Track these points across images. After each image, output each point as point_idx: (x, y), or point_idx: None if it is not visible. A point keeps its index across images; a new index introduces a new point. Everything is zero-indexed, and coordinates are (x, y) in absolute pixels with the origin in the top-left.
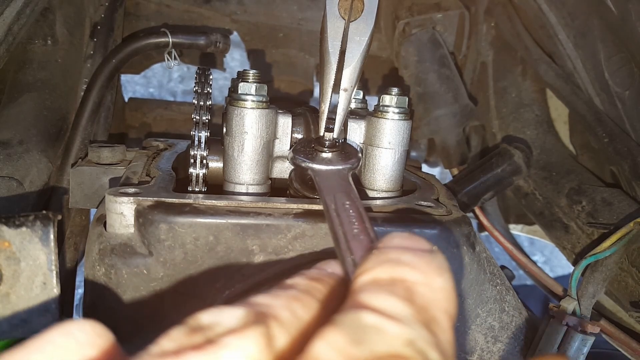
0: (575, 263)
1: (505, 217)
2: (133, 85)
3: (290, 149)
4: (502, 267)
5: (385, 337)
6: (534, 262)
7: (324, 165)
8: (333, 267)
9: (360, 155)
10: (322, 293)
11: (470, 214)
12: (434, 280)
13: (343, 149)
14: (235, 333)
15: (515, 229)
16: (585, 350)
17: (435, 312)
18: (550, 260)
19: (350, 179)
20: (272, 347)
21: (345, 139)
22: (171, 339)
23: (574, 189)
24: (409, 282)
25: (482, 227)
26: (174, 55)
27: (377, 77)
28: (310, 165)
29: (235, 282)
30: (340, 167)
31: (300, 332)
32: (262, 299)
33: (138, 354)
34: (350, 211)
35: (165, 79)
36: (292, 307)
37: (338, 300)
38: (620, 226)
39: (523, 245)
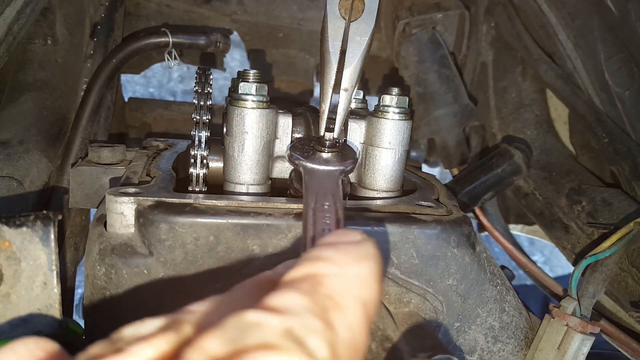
0: (575, 263)
1: (505, 217)
2: (133, 85)
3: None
4: (502, 267)
5: (260, 331)
6: (534, 262)
7: (316, 164)
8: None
9: (357, 157)
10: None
11: (470, 214)
12: (348, 270)
13: (342, 150)
14: (142, 341)
15: (515, 229)
16: (585, 350)
17: (341, 299)
18: (550, 260)
19: (340, 181)
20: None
21: (345, 139)
22: (87, 354)
23: (574, 189)
24: (319, 275)
25: (482, 227)
26: (174, 55)
27: (377, 77)
28: (302, 163)
29: (236, 282)
30: (331, 168)
31: None
32: (197, 306)
33: None
34: (327, 213)
35: (165, 79)
36: (223, 312)
37: None
38: (620, 226)
39: (523, 245)
